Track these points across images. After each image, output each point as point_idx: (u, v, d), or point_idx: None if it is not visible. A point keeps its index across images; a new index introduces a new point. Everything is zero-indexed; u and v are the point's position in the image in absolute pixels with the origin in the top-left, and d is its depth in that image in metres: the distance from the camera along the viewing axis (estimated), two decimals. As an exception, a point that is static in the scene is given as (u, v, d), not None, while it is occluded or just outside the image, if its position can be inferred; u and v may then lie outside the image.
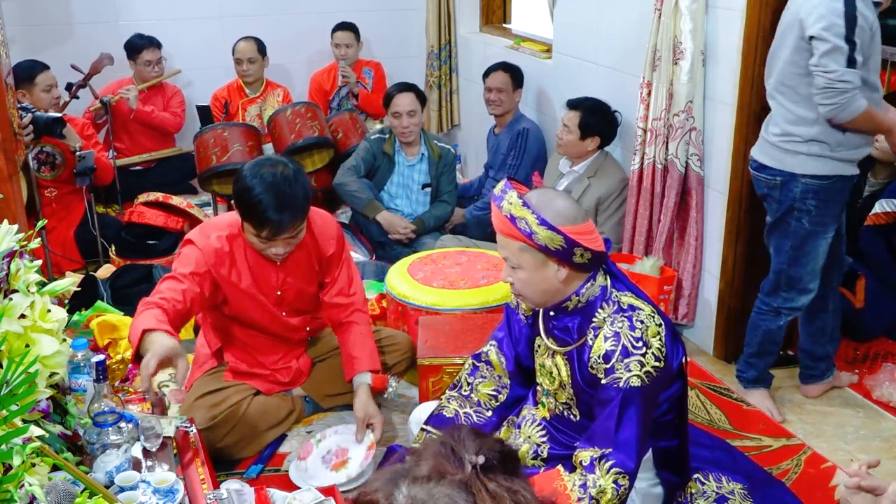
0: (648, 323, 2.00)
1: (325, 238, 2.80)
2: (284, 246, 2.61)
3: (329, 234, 2.81)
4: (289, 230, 2.55)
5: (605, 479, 1.94)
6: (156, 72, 5.31)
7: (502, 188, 2.04)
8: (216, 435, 2.69)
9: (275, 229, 2.53)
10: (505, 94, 4.55)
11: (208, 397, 2.77)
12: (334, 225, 2.87)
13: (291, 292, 2.81)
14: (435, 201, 4.40)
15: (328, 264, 2.83)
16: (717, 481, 2.43)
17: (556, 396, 2.20)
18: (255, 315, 2.79)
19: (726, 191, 3.31)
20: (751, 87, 3.13)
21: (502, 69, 4.58)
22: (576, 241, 1.96)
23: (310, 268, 2.80)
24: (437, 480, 1.11)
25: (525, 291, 2.10)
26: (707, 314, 3.53)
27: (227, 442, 2.74)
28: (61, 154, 4.20)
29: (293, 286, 2.80)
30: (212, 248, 2.64)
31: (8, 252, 1.94)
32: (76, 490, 1.68)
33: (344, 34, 5.53)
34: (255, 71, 5.35)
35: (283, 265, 2.74)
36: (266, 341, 2.88)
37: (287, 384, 2.95)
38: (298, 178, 2.57)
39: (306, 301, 2.88)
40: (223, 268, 2.66)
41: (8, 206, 3.05)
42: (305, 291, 2.84)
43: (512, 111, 4.62)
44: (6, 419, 1.55)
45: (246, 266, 2.70)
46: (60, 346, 1.93)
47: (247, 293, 2.72)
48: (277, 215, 2.51)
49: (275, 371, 2.92)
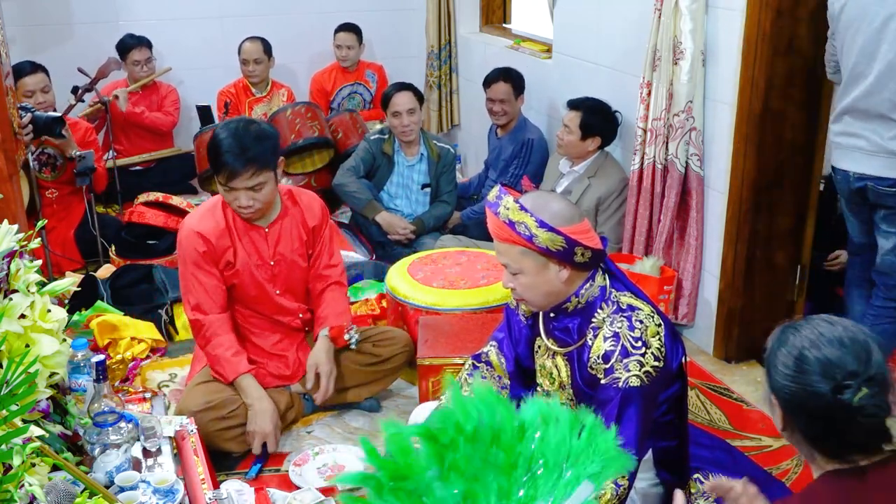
0: (648, 323, 2.00)
1: (310, 211, 2.93)
2: (246, 198, 2.69)
3: (314, 208, 2.95)
4: (243, 176, 2.64)
5: (605, 478, 1.94)
6: (145, 71, 5.30)
7: (497, 194, 2.03)
8: (211, 418, 2.70)
9: (230, 173, 2.64)
10: (508, 104, 4.48)
11: (205, 385, 2.82)
12: (319, 202, 2.99)
13: (284, 265, 2.90)
14: (434, 201, 4.40)
15: (313, 237, 2.95)
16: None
17: (556, 397, 2.20)
18: (250, 291, 2.87)
19: (726, 191, 3.31)
20: (751, 87, 3.13)
21: (503, 79, 4.48)
22: (576, 240, 1.96)
23: (298, 238, 2.91)
24: None
25: (527, 295, 2.10)
26: (707, 314, 3.53)
27: (222, 427, 2.74)
28: (62, 156, 4.21)
29: (285, 258, 2.89)
30: (214, 232, 2.78)
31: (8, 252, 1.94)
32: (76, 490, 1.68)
33: (346, 35, 5.53)
34: (261, 72, 5.36)
35: (272, 232, 2.85)
36: (262, 322, 2.95)
37: (286, 378, 2.96)
38: (265, 133, 2.71)
39: (297, 279, 2.96)
40: (225, 239, 2.80)
41: (8, 206, 3.04)
42: (297, 266, 2.93)
43: (516, 117, 4.59)
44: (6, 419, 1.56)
45: (237, 236, 2.82)
46: (60, 346, 1.93)
47: (243, 265, 2.83)
48: (233, 158, 2.62)
49: (273, 357, 2.94)
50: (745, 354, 3.46)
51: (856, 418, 1.40)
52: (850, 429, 1.41)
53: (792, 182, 3.29)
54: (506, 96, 4.48)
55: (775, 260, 3.38)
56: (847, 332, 1.45)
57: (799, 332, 1.47)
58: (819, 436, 1.46)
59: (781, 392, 1.48)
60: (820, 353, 1.42)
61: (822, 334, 1.44)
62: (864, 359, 1.41)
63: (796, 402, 1.46)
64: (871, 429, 1.41)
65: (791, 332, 1.49)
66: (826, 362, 1.41)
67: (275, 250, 2.87)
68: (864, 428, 1.41)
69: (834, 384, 1.40)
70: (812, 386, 1.42)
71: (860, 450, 1.45)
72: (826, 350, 1.42)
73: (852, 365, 1.40)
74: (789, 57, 3.12)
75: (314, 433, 2.97)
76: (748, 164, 3.22)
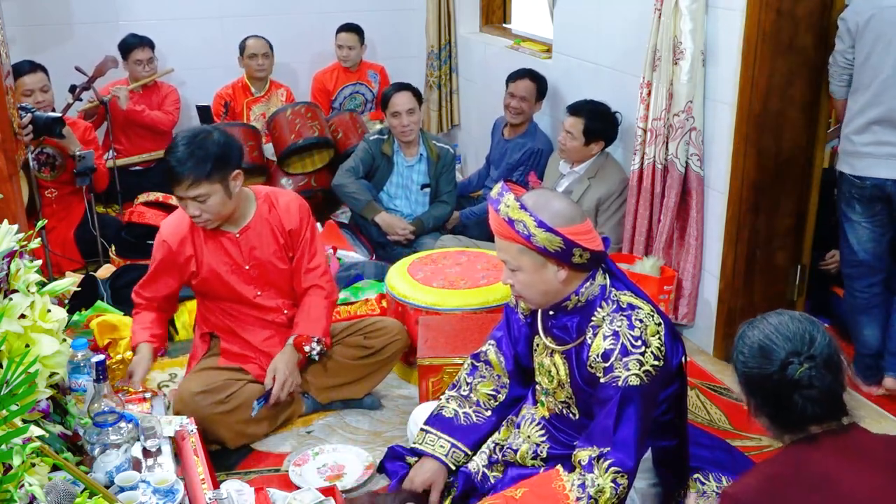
0: (647, 322, 2.00)
1: (287, 214, 2.90)
2: (193, 207, 2.69)
3: (291, 210, 2.91)
4: (182, 186, 2.64)
5: (604, 478, 1.94)
6: (147, 71, 5.30)
7: (499, 191, 2.03)
8: (210, 402, 2.73)
9: (171, 180, 2.67)
10: (528, 103, 4.46)
11: (203, 371, 2.86)
12: (298, 204, 2.95)
13: (261, 269, 2.88)
14: (434, 202, 4.40)
15: (292, 240, 2.92)
16: (717, 481, 2.43)
17: (554, 395, 2.20)
18: (225, 294, 2.89)
19: (726, 191, 3.31)
20: (751, 87, 3.13)
21: (529, 78, 4.46)
22: (574, 241, 1.96)
23: (274, 240, 2.88)
24: None
25: (525, 293, 2.10)
26: (707, 314, 3.53)
27: (219, 411, 2.75)
28: (61, 155, 4.20)
29: (261, 262, 2.87)
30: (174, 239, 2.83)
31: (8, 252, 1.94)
32: (76, 490, 1.68)
33: (347, 36, 5.53)
34: (269, 66, 5.38)
35: (243, 237, 2.84)
36: (247, 318, 2.95)
37: None
38: (218, 145, 2.68)
39: (279, 279, 2.94)
40: (187, 247, 2.82)
41: (8, 206, 3.04)
42: (275, 267, 2.90)
43: (529, 120, 4.58)
44: (6, 419, 1.56)
45: (201, 242, 2.83)
46: (60, 346, 1.93)
47: (210, 272, 2.84)
48: (175, 167, 2.64)
49: (263, 354, 2.94)
50: (745, 354, 3.45)
51: (800, 391, 1.63)
52: (798, 401, 1.63)
53: (792, 182, 3.29)
54: (527, 94, 4.46)
55: (775, 260, 3.38)
56: (793, 321, 1.69)
57: (754, 327, 1.73)
58: (774, 411, 1.69)
59: (742, 378, 1.72)
60: (769, 340, 1.68)
61: (771, 324, 1.70)
62: (808, 341, 1.64)
63: (754, 385, 1.69)
64: (817, 399, 1.63)
65: (748, 328, 1.74)
66: (773, 346, 1.66)
67: (250, 255, 2.85)
68: (810, 399, 1.63)
69: (780, 363, 1.64)
70: (762, 367, 1.67)
71: (813, 420, 1.65)
72: (774, 337, 1.67)
73: (796, 347, 1.65)
74: (789, 57, 3.12)
75: (314, 433, 2.97)
76: (748, 164, 3.22)
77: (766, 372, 1.65)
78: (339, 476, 2.70)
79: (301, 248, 2.92)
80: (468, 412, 2.37)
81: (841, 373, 1.66)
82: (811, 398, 1.62)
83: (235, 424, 2.80)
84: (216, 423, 2.75)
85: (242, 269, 2.85)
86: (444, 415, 2.38)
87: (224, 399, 2.77)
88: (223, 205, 2.72)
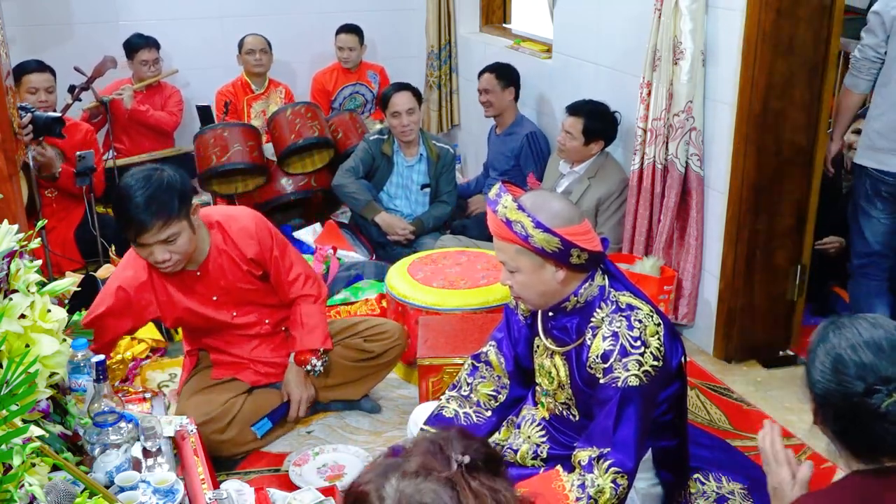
0: (647, 322, 2.00)
1: (244, 240, 2.76)
2: (161, 252, 2.54)
3: (247, 236, 2.77)
4: (152, 231, 2.49)
5: (604, 478, 1.94)
6: (152, 71, 5.31)
7: (497, 192, 2.03)
8: (212, 430, 2.71)
9: (137, 228, 2.49)
10: (493, 94, 4.53)
11: (199, 396, 2.81)
12: (253, 225, 2.79)
13: (230, 295, 2.81)
14: (434, 202, 4.40)
15: (258, 263, 2.80)
16: (717, 481, 2.43)
17: (555, 396, 2.20)
18: (200, 324, 2.83)
19: (726, 191, 3.31)
20: (751, 87, 3.13)
21: (488, 70, 4.58)
22: (572, 242, 1.96)
23: (237, 268, 2.77)
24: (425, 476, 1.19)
25: (524, 294, 2.10)
26: (707, 314, 3.53)
27: (224, 438, 2.75)
28: (61, 155, 4.20)
29: (227, 289, 2.79)
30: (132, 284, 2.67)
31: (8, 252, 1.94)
32: (76, 490, 1.68)
33: (347, 37, 5.53)
34: (267, 62, 5.39)
35: (204, 274, 2.73)
36: (231, 337, 2.90)
37: (274, 376, 2.96)
38: (172, 181, 2.52)
39: (253, 296, 2.86)
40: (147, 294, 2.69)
41: (8, 206, 3.04)
42: (245, 289, 2.82)
43: (510, 112, 4.60)
44: (6, 419, 1.56)
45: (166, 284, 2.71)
46: (60, 346, 1.93)
47: (177, 309, 2.75)
48: (142, 211, 2.46)
49: (254, 361, 2.93)
50: (745, 354, 3.46)
51: (882, 423, 1.43)
52: (875, 431, 1.44)
53: (792, 182, 3.29)
54: (489, 86, 4.53)
55: (775, 260, 3.38)
56: (887, 336, 1.46)
57: (840, 332, 1.51)
58: (843, 432, 1.50)
59: (815, 387, 1.51)
60: (856, 355, 1.45)
61: (861, 335, 1.47)
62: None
63: (827, 399, 1.48)
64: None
65: (832, 331, 1.52)
66: (861, 365, 1.44)
67: (216, 287, 2.77)
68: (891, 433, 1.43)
69: (865, 387, 1.43)
70: (843, 385, 1.45)
71: (886, 453, 1.46)
72: (862, 353, 1.45)
73: (887, 371, 1.43)
74: (789, 57, 3.12)
75: (314, 433, 2.98)
76: (748, 164, 3.22)
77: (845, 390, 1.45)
78: (339, 476, 2.70)
79: (273, 266, 2.82)
80: (468, 412, 2.37)
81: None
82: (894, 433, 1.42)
83: (237, 441, 2.81)
84: (219, 448, 2.75)
85: (211, 300, 2.79)
86: (444, 415, 2.38)
87: (225, 427, 2.76)
88: (190, 242, 2.59)
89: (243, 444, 2.82)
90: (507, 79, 4.56)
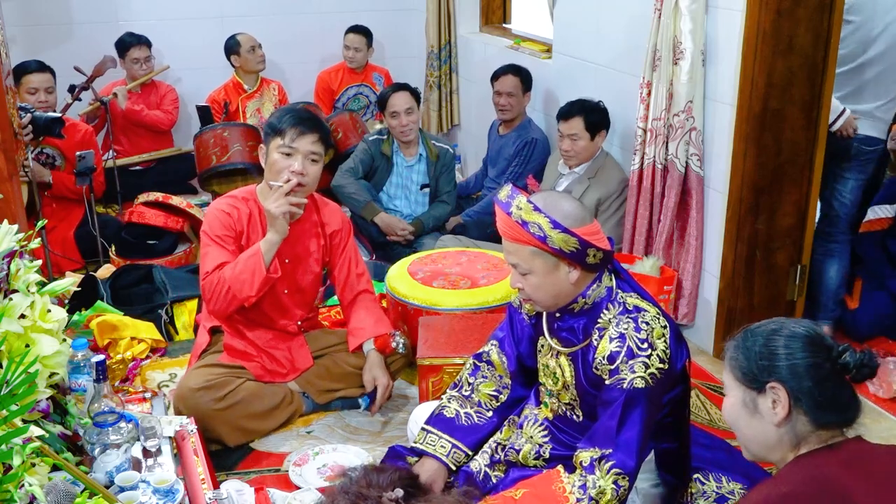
0: (654, 324, 2.00)
1: (331, 216, 3.01)
2: (303, 160, 2.75)
3: (335, 213, 3.03)
4: (309, 138, 2.75)
5: (605, 479, 1.94)
6: (144, 70, 5.31)
7: (509, 194, 2.02)
8: (210, 398, 2.72)
9: (299, 131, 2.73)
10: (515, 98, 4.48)
11: (205, 367, 2.84)
12: (341, 214, 3.08)
13: (297, 265, 2.94)
14: (434, 202, 4.40)
15: (333, 242, 3.00)
16: (717, 481, 2.43)
17: (559, 397, 2.20)
18: None
19: (726, 191, 3.31)
20: (751, 87, 3.13)
21: (512, 73, 4.48)
22: (588, 241, 1.97)
23: (316, 240, 2.97)
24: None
25: (536, 296, 2.09)
26: (707, 314, 3.53)
27: (219, 407, 2.75)
28: (61, 155, 4.20)
29: (299, 258, 2.94)
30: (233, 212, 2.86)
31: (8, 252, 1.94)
32: (76, 490, 1.68)
33: (355, 37, 5.54)
34: (263, 56, 5.42)
35: (291, 231, 2.85)
36: (260, 318, 2.96)
37: (280, 374, 2.96)
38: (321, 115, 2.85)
39: (307, 282, 3.00)
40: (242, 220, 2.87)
41: (8, 206, 3.04)
42: (309, 270, 2.98)
43: (521, 115, 4.59)
44: (6, 419, 1.56)
45: (257, 226, 2.87)
46: (60, 346, 1.93)
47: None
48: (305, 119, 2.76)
49: (264, 353, 2.94)
50: (745, 354, 3.45)
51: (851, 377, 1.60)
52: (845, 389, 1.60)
53: (792, 182, 3.29)
54: (513, 89, 4.48)
55: (775, 260, 3.38)
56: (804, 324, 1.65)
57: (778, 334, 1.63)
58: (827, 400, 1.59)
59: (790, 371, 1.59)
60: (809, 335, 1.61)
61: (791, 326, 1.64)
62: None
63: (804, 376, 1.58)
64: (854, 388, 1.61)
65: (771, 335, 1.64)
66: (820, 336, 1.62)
67: (292, 249, 2.91)
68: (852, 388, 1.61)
69: (835, 351, 1.60)
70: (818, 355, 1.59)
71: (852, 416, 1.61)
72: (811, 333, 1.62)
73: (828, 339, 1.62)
74: (789, 57, 3.12)
75: (314, 433, 2.97)
76: (748, 164, 3.22)
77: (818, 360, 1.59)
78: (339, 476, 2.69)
79: (345, 253, 3.02)
80: (469, 412, 2.37)
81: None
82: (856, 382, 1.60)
83: (234, 421, 2.80)
84: (215, 420, 2.74)
85: (283, 261, 2.88)
86: (445, 415, 2.38)
87: (223, 396, 2.77)
88: (317, 179, 2.84)
89: (236, 422, 2.81)
90: (528, 83, 4.51)
